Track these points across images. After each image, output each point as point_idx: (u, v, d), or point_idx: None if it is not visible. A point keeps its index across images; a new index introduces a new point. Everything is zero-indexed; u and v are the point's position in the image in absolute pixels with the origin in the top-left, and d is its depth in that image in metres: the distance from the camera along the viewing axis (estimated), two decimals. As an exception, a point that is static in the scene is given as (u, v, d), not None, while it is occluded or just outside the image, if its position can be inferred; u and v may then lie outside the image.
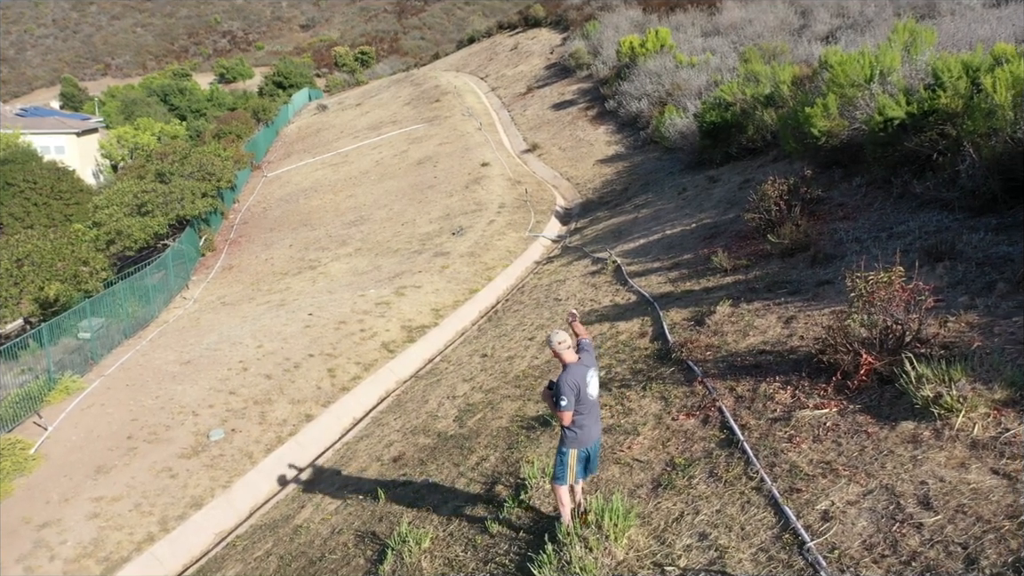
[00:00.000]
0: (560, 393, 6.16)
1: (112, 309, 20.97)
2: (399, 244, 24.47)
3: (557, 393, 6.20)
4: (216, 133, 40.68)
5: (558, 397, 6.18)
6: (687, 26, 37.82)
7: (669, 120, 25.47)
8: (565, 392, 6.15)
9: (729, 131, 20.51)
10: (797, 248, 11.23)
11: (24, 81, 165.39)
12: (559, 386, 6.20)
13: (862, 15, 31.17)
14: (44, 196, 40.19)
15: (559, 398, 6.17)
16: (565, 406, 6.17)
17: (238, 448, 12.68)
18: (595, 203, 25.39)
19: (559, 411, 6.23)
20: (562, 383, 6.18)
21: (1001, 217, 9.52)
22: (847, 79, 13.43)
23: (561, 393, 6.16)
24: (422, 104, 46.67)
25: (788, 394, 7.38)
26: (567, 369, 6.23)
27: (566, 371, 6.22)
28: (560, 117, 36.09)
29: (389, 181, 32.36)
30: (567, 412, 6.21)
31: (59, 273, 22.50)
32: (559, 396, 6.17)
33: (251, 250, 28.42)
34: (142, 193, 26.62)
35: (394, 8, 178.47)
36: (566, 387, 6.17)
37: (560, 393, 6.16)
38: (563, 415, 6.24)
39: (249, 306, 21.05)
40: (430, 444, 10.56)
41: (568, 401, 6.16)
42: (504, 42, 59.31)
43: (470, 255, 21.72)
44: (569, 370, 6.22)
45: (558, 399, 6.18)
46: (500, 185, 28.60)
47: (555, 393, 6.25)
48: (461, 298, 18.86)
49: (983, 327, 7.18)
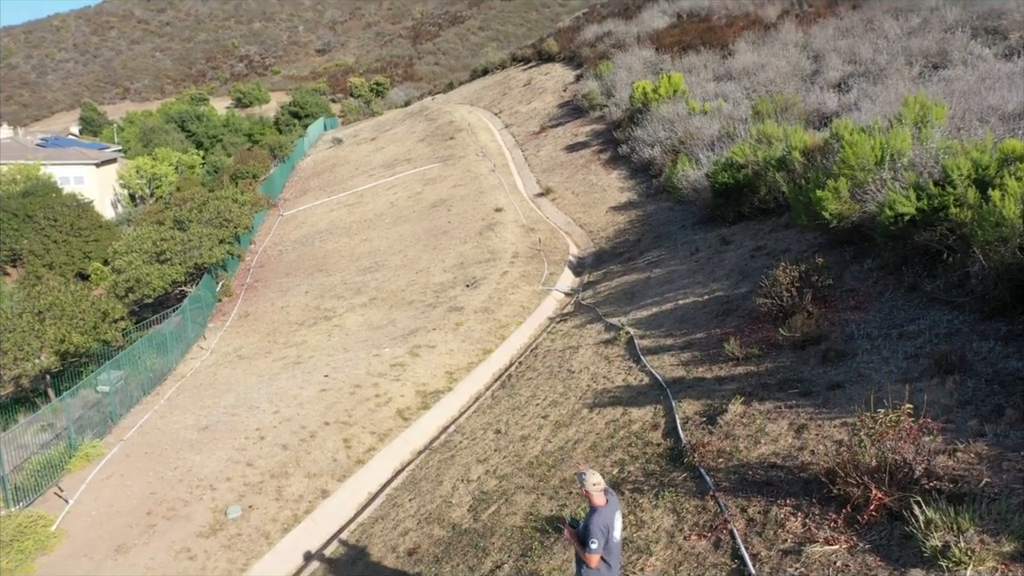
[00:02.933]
0: (591, 536, 6.34)
1: (131, 361, 21.31)
2: (414, 295, 24.71)
3: (586, 535, 6.39)
4: (234, 173, 41.27)
5: (587, 538, 6.37)
6: (699, 69, 38.12)
7: (682, 172, 25.68)
8: (596, 535, 6.33)
9: (741, 191, 20.68)
10: (809, 341, 11.36)
11: (45, 105, 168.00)
12: (589, 528, 6.38)
13: (874, 63, 31.35)
14: (64, 233, 40.82)
15: (589, 540, 6.35)
16: (595, 548, 6.34)
17: (255, 527, 12.86)
18: (608, 254, 25.56)
19: (588, 553, 6.39)
20: (592, 526, 6.37)
21: (1011, 323, 9.63)
22: (858, 161, 13.60)
23: (591, 536, 6.34)
24: (436, 141, 47.15)
25: (799, 522, 7.49)
26: (597, 511, 6.41)
27: (596, 513, 6.41)
28: (573, 160, 36.39)
29: (404, 225, 32.70)
30: (595, 555, 6.38)
31: (79, 325, 22.86)
32: (589, 538, 6.35)
33: (267, 296, 28.76)
34: (161, 241, 27.05)
35: (409, 33, 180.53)
36: (597, 530, 6.35)
37: (591, 536, 6.34)
38: (591, 557, 6.40)
39: (265, 361, 21.30)
40: (445, 537, 10.70)
41: (598, 544, 6.34)
42: (518, 76, 59.90)
43: (484, 311, 21.92)
44: (600, 512, 6.41)
45: (587, 540, 6.37)
46: (514, 233, 28.85)
47: (584, 534, 6.44)
48: (475, 360, 19.05)
49: (992, 460, 7.28)
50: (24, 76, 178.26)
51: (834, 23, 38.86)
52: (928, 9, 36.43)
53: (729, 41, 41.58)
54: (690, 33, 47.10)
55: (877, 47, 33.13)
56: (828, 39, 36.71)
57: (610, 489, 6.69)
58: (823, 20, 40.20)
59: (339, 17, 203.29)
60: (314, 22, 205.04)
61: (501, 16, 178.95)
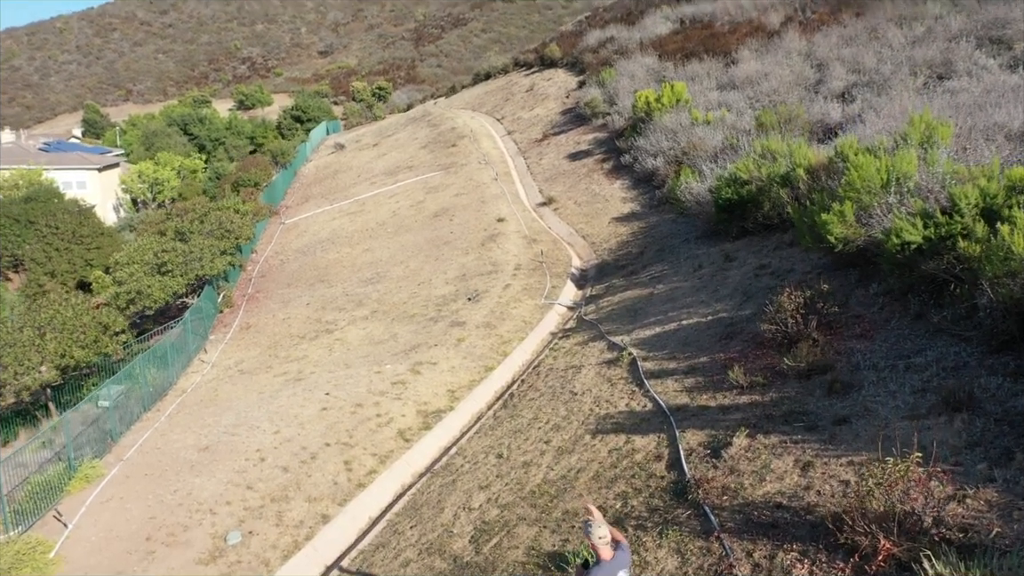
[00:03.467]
0: None
1: (131, 375, 21.24)
2: (415, 308, 24.61)
3: None
4: (235, 181, 41.17)
5: None
6: (702, 77, 37.99)
7: (685, 184, 25.56)
8: None
9: (745, 207, 20.56)
10: (814, 370, 11.23)
11: (48, 107, 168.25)
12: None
13: (878, 73, 31.21)
14: (66, 241, 40.78)
15: None
16: None
17: (255, 554, 12.76)
18: (610, 266, 25.45)
19: None
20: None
21: (1020, 359, 9.50)
22: (863, 184, 13.48)
23: None
24: (438, 148, 47.06)
25: (806, 570, 7.38)
26: (600, 565, 6.35)
27: (599, 566, 6.35)
28: (576, 168, 36.29)
29: (406, 235, 32.60)
30: None
31: (80, 339, 22.79)
32: None
33: (268, 307, 28.67)
34: (162, 252, 26.98)
35: (411, 35, 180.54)
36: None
37: None
38: None
39: (266, 377, 21.22)
40: (446, 570, 10.60)
41: None
42: (520, 82, 59.80)
43: (486, 326, 21.82)
44: (602, 567, 6.34)
45: None
46: (516, 244, 28.75)
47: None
48: (477, 377, 18.94)
49: (1002, 508, 7.16)
50: (27, 78, 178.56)
51: (838, 31, 38.69)
52: (932, 17, 36.28)
53: (732, 49, 41.44)
54: (693, 40, 46.96)
55: (881, 56, 32.98)
56: (832, 47, 36.56)
57: (623, 545, 6.58)
58: (826, 28, 40.02)
59: (341, 19, 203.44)
60: (316, 24, 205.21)
61: (504, 18, 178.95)
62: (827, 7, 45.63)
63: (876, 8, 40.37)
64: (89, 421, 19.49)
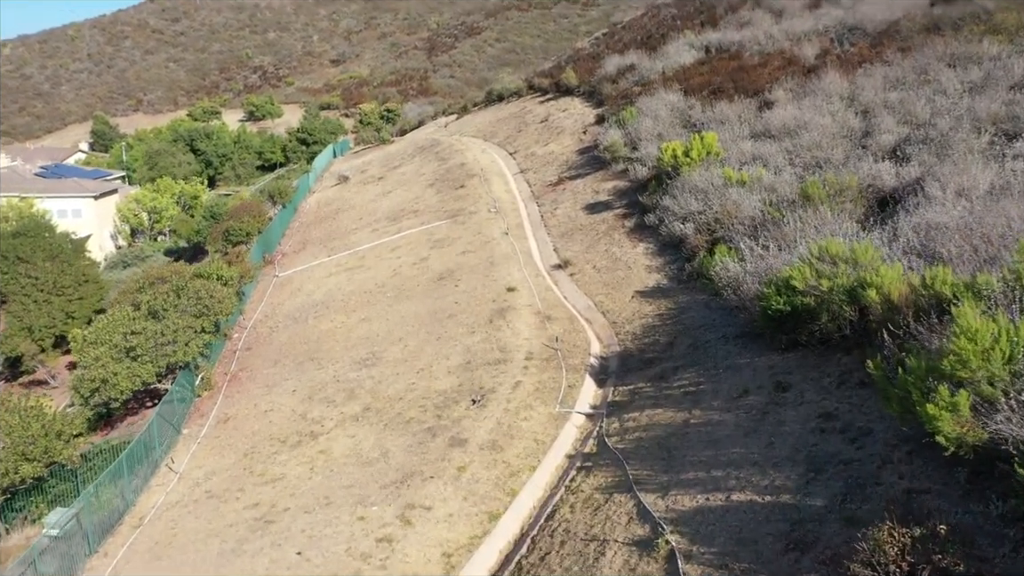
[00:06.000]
0: None
1: (83, 493, 18.54)
2: (412, 411, 21.60)
3: None
4: (226, 230, 38.33)
5: None
6: (733, 121, 34.73)
7: (720, 264, 22.43)
8: None
9: (798, 318, 17.38)
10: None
11: (58, 116, 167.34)
12: None
13: (934, 126, 27.85)
14: (45, 292, 38.12)
15: None
16: None
17: None
18: (635, 360, 22.33)
19: None
20: None
21: None
22: (979, 363, 10.28)
23: None
24: (446, 188, 44.07)
25: None
26: None
27: None
28: (594, 224, 33.18)
29: (406, 303, 29.63)
30: None
31: (28, 451, 19.94)
32: None
33: (251, 392, 25.74)
34: (131, 335, 24.08)
35: (424, 44, 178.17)
36: None
37: None
38: None
39: (234, 509, 18.24)
40: None
41: None
42: (534, 110, 56.73)
43: (491, 447, 18.79)
44: None
45: None
46: (528, 322, 25.69)
47: None
48: (479, 531, 15.87)
49: None
50: (38, 87, 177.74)
51: (881, 70, 35.31)
52: (989, 58, 32.85)
53: (765, 87, 38.15)
54: (720, 73, 43.71)
55: (935, 106, 29.61)
56: (876, 90, 33.24)
57: None
58: (868, 65, 36.63)
59: (354, 27, 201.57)
60: (329, 31, 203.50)
61: (518, 27, 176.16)
62: (866, 40, 42.23)
63: (923, 43, 36.92)
64: (40, 551, 16.91)
